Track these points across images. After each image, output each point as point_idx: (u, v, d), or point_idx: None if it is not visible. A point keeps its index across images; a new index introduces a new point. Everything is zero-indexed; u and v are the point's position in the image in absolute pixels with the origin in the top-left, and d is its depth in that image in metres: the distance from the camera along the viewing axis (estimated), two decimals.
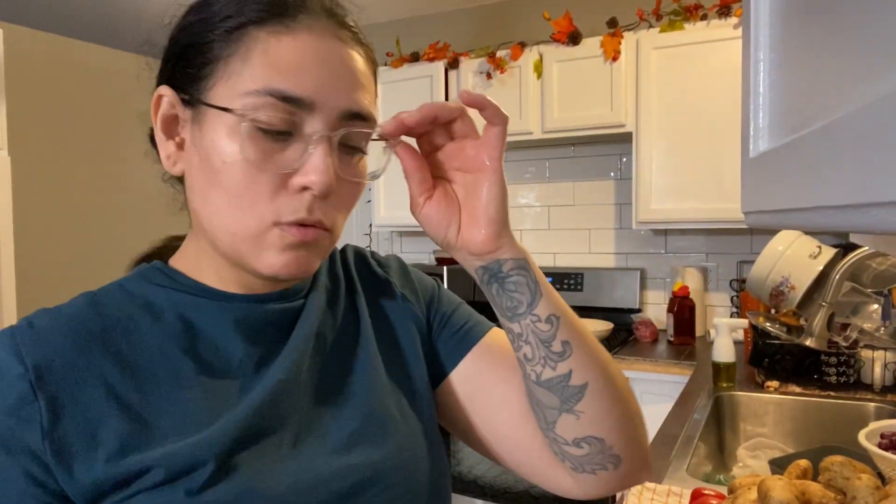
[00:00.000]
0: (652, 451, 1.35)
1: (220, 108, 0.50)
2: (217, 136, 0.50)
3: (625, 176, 2.88)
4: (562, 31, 2.59)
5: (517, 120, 2.71)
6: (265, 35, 0.50)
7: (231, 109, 0.49)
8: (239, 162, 0.50)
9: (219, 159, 0.50)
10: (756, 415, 1.67)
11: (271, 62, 0.49)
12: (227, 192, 0.50)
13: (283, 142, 0.50)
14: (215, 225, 0.52)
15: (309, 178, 0.50)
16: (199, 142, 0.51)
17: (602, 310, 2.83)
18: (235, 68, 0.50)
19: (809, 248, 1.73)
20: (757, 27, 0.45)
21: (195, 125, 0.52)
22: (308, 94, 0.50)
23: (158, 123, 0.54)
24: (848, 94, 0.29)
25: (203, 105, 0.51)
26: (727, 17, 2.34)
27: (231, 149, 0.50)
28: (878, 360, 1.68)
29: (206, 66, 0.51)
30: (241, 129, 0.49)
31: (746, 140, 0.47)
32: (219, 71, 0.50)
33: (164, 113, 0.54)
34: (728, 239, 2.69)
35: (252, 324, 0.56)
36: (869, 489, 0.69)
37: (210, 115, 0.51)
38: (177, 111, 0.53)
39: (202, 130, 0.51)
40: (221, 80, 0.50)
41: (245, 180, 0.50)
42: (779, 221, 0.42)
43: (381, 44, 3.29)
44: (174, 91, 0.53)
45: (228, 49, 0.50)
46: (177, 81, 0.53)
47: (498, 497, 2.53)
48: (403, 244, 3.40)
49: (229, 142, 0.50)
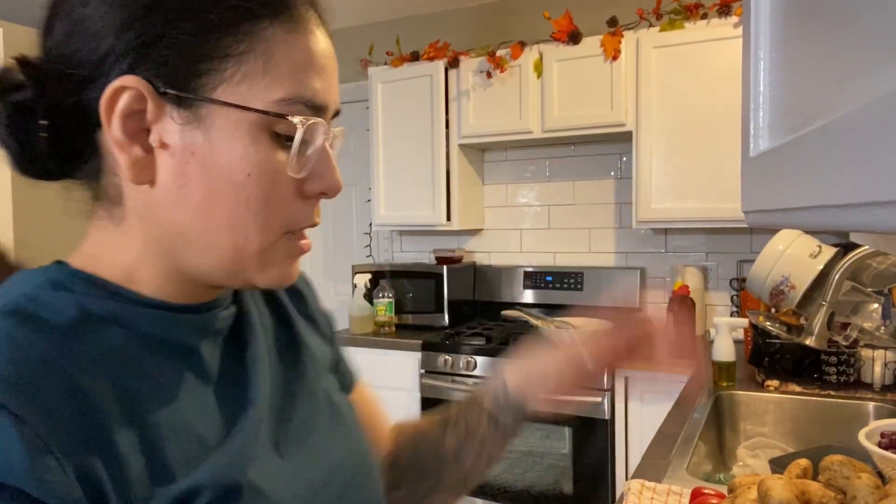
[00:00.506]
0: (652, 451, 1.35)
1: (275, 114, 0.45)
2: (238, 144, 0.44)
3: (625, 175, 2.88)
4: (562, 31, 2.59)
5: (517, 119, 2.71)
6: (283, 33, 0.45)
7: (285, 115, 0.45)
8: (267, 174, 0.45)
9: (241, 171, 0.45)
10: (756, 414, 1.67)
11: (296, 66, 0.46)
12: (246, 207, 0.45)
13: (289, 146, 0.46)
14: (213, 241, 0.46)
15: (327, 184, 0.49)
16: (204, 148, 0.45)
17: (602, 309, 2.82)
18: (254, 69, 0.44)
19: (810, 247, 1.73)
20: (757, 26, 0.45)
21: (193, 127, 0.44)
22: (325, 99, 0.48)
23: (117, 122, 0.44)
24: (848, 93, 0.29)
25: (218, 105, 0.44)
26: (727, 17, 2.34)
27: (257, 158, 0.45)
28: (878, 359, 1.68)
29: (209, 60, 0.44)
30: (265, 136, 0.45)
31: (746, 139, 0.47)
32: (228, 69, 0.44)
33: (127, 109, 0.44)
34: (728, 238, 2.69)
35: (213, 334, 0.52)
36: (869, 488, 0.69)
37: (222, 117, 0.44)
38: (148, 108, 0.44)
39: (209, 135, 0.44)
40: (232, 80, 0.44)
41: (269, 194, 0.46)
42: (779, 220, 0.42)
43: (381, 43, 3.29)
44: (148, 83, 0.44)
45: (242, 45, 0.44)
46: (152, 72, 0.44)
47: (497, 496, 2.53)
48: (403, 243, 3.40)
49: (255, 150, 0.45)
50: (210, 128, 0.44)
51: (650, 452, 1.34)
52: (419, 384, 2.64)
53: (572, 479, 2.37)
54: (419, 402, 2.66)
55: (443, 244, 3.28)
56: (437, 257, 3.03)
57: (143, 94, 0.43)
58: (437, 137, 2.88)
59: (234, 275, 0.48)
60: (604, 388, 2.29)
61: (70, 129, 0.46)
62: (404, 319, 2.94)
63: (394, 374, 2.72)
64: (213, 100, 0.44)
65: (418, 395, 2.66)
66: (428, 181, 2.92)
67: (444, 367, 2.56)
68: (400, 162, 2.98)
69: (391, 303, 2.84)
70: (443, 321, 2.86)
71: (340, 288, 3.59)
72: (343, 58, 3.29)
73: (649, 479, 1.17)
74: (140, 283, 0.48)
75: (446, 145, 2.89)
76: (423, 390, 2.62)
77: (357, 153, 3.51)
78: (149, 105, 0.44)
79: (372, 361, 2.77)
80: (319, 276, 3.65)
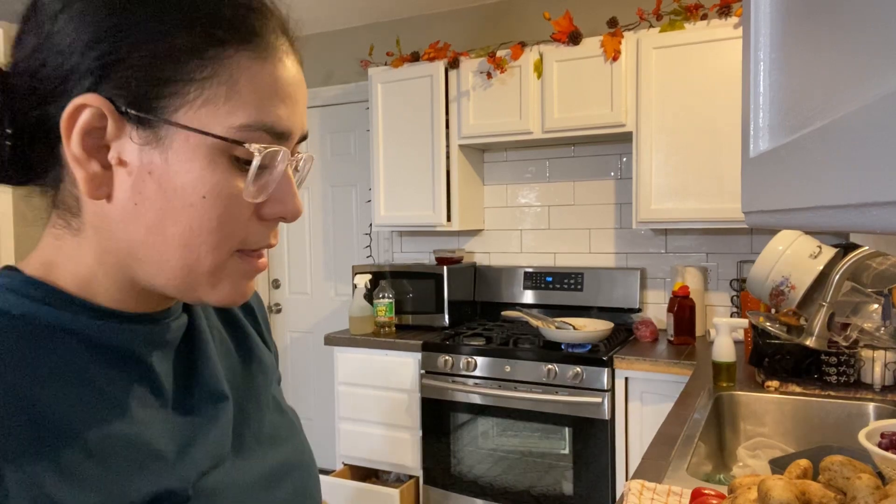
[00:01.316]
0: (652, 451, 1.35)
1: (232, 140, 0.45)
2: (194, 166, 0.45)
3: (625, 176, 2.88)
4: (562, 31, 2.60)
5: (517, 119, 2.71)
6: (249, 60, 0.46)
7: (242, 142, 0.46)
8: (222, 197, 0.46)
9: (196, 193, 0.45)
10: (756, 414, 1.67)
11: (260, 93, 0.46)
12: (199, 228, 0.46)
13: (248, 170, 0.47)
14: (164, 258, 0.47)
15: (286, 209, 0.50)
16: (161, 168, 0.45)
17: (602, 309, 2.83)
18: (216, 94, 0.45)
19: (810, 247, 1.73)
20: (757, 27, 0.45)
21: (152, 147, 0.45)
22: (289, 126, 0.49)
23: (77, 138, 0.44)
24: (848, 93, 0.29)
25: (177, 127, 0.45)
26: (727, 17, 2.34)
27: (212, 181, 0.46)
28: (878, 359, 1.68)
29: (172, 83, 0.44)
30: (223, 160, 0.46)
31: (746, 140, 0.47)
32: (190, 92, 0.45)
33: (87, 126, 0.44)
34: (728, 239, 2.70)
35: (165, 344, 0.53)
36: (869, 489, 0.69)
37: (181, 140, 0.45)
38: (108, 126, 0.45)
39: (166, 156, 0.45)
40: (194, 104, 0.45)
41: (224, 216, 0.47)
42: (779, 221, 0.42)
43: (381, 43, 3.30)
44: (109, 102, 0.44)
45: (206, 70, 0.45)
46: (114, 92, 0.44)
47: (498, 497, 2.53)
48: (403, 244, 3.40)
49: (211, 173, 0.45)
50: (168, 149, 0.45)
51: (650, 452, 1.34)
52: (419, 385, 2.64)
53: (572, 479, 2.37)
54: (419, 402, 2.66)
55: (443, 245, 3.28)
56: (438, 258, 3.03)
57: (103, 112, 0.44)
58: (437, 138, 2.88)
59: (186, 291, 0.49)
60: (604, 389, 2.29)
61: (32, 139, 0.47)
62: (404, 320, 2.94)
63: (394, 375, 2.72)
64: (172, 122, 0.45)
65: (418, 396, 2.66)
66: (428, 182, 2.92)
67: (444, 368, 2.56)
68: (400, 162, 2.98)
69: (391, 303, 2.84)
70: (443, 322, 2.86)
71: (340, 288, 3.60)
72: (343, 58, 3.31)
73: (649, 480, 1.17)
74: (96, 293, 0.49)
75: (446, 146, 2.89)
76: (423, 391, 2.62)
77: (357, 153, 3.51)
78: (109, 123, 0.44)
79: (372, 362, 2.77)
80: (319, 276, 3.65)
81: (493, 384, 2.48)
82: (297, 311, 3.73)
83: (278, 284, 3.77)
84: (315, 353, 3.67)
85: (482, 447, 2.56)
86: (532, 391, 2.39)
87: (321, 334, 3.59)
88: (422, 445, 2.66)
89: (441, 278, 2.86)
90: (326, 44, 3.50)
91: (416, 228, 3.03)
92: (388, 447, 2.76)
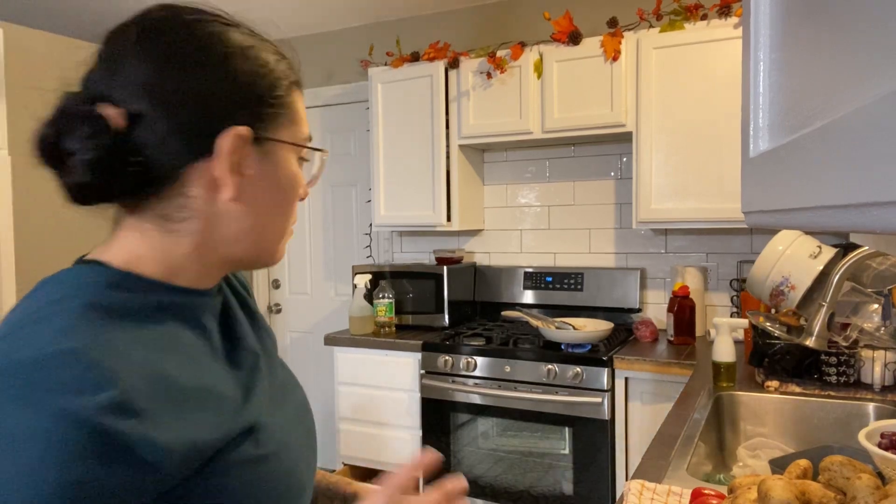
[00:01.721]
0: (652, 451, 1.35)
1: (315, 148, 0.69)
2: (294, 169, 0.67)
3: (625, 176, 2.88)
4: (562, 31, 2.60)
5: (517, 119, 2.71)
6: (297, 94, 0.68)
7: (323, 150, 0.70)
8: (299, 186, 0.68)
9: (291, 186, 0.66)
10: (756, 415, 1.67)
11: (302, 115, 0.69)
12: (288, 210, 0.67)
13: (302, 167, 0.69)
14: (267, 237, 0.66)
15: (306, 191, 0.70)
16: (271, 173, 0.64)
17: (602, 309, 2.83)
18: (293, 118, 0.66)
19: (809, 247, 1.73)
20: (757, 27, 0.45)
21: (264, 159, 0.64)
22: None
23: (229, 160, 0.60)
24: (848, 93, 0.29)
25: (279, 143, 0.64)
26: (727, 17, 2.34)
27: (297, 176, 0.67)
28: (878, 359, 1.68)
29: (275, 115, 0.64)
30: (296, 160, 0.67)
31: (746, 140, 0.47)
32: (285, 119, 0.65)
33: (236, 148, 0.61)
34: (728, 239, 2.70)
35: (216, 311, 0.69)
36: (869, 489, 0.69)
37: (281, 151, 0.65)
38: (244, 149, 0.62)
39: (274, 164, 0.64)
40: (285, 125, 0.65)
41: (295, 199, 0.68)
42: (779, 221, 0.42)
43: (381, 43, 3.30)
44: (251, 130, 0.62)
45: (286, 104, 0.65)
46: (252, 123, 0.62)
47: (498, 497, 2.53)
48: (403, 244, 3.40)
49: (296, 171, 0.67)
50: (276, 159, 0.65)
51: (650, 453, 1.34)
52: (419, 385, 2.64)
53: (572, 479, 2.37)
54: (419, 402, 2.66)
55: (443, 245, 3.28)
56: (438, 258, 3.03)
57: (247, 138, 0.61)
58: (437, 138, 2.88)
59: (263, 257, 0.67)
60: (604, 389, 2.29)
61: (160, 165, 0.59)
62: (404, 320, 2.94)
63: (394, 375, 2.72)
64: (278, 140, 0.64)
65: (418, 396, 2.66)
66: (428, 182, 2.92)
67: (444, 368, 2.56)
68: (400, 162, 2.99)
69: (391, 303, 2.84)
70: (443, 322, 2.86)
71: (341, 288, 3.60)
72: (343, 58, 3.30)
73: (649, 480, 1.17)
74: (178, 277, 0.63)
75: (446, 146, 2.89)
76: (423, 391, 2.62)
77: (357, 153, 3.51)
78: (246, 146, 0.62)
79: (372, 362, 2.77)
80: (320, 276, 3.66)
81: (493, 384, 2.48)
82: (297, 312, 3.73)
83: (278, 284, 3.77)
84: (315, 353, 3.67)
85: (482, 447, 2.56)
86: (532, 391, 2.39)
87: (321, 334, 3.59)
88: (422, 445, 2.66)
89: (441, 278, 2.86)
90: (327, 44, 3.50)
91: (416, 228, 3.03)
92: (389, 447, 2.76)
